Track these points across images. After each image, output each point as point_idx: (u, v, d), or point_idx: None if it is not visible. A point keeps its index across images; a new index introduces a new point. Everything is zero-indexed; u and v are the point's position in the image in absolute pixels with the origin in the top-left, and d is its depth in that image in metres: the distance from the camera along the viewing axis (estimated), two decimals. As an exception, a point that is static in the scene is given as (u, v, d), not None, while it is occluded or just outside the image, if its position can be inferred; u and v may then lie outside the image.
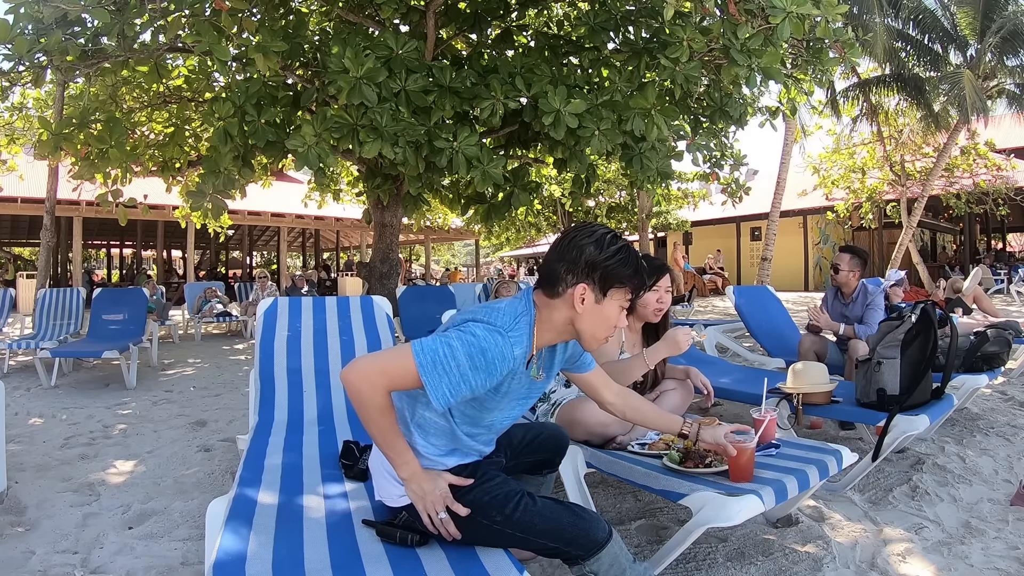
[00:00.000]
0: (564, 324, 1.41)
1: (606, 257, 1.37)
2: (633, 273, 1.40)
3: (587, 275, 1.37)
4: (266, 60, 4.06)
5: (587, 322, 1.40)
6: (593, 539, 1.33)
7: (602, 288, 1.38)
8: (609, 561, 1.34)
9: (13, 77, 4.27)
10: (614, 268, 1.37)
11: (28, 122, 8.72)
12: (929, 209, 15.01)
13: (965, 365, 3.24)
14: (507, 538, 1.34)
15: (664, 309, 2.37)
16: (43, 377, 5.23)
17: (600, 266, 1.37)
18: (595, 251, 1.37)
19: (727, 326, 5.60)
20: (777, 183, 11.39)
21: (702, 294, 16.34)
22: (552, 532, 1.33)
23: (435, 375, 1.27)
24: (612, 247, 1.38)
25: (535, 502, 1.36)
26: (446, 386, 1.28)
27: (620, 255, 1.38)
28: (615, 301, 1.40)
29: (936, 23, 12.19)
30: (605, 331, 1.42)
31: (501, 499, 1.37)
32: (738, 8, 3.83)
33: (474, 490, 1.39)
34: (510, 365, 1.33)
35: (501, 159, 4.67)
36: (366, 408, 1.30)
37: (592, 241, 1.38)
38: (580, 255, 1.37)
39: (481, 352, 1.28)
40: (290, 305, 2.73)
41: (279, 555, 1.31)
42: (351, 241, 24.80)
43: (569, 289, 1.38)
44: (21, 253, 24.98)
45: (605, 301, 1.39)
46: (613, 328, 1.43)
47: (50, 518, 2.39)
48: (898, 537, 2.09)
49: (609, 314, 1.40)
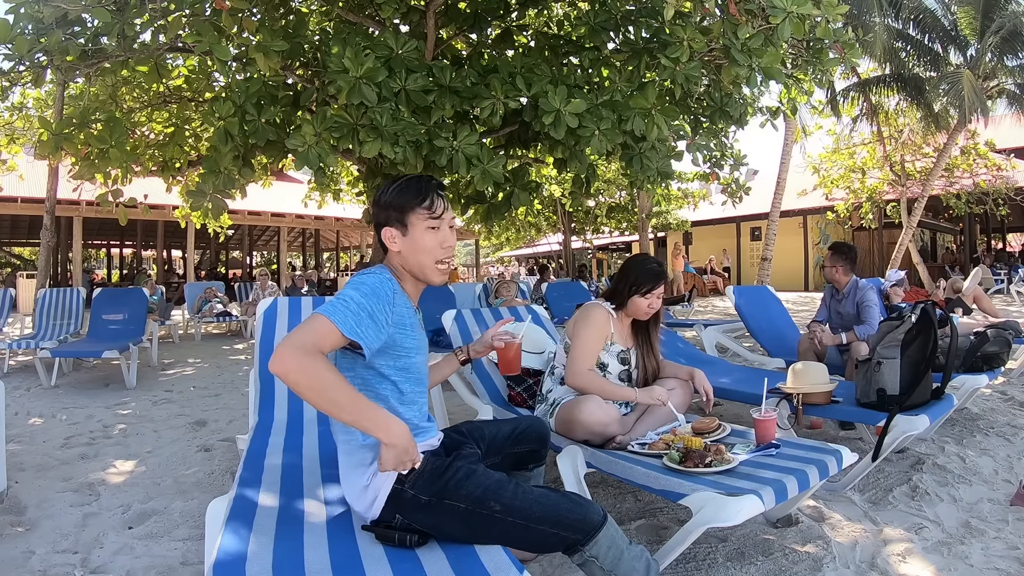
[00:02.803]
0: (401, 270, 1.54)
1: (388, 195, 1.52)
2: (415, 193, 1.50)
3: (385, 220, 1.52)
4: (266, 60, 4.06)
5: (410, 257, 1.52)
6: (591, 522, 1.36)
7: (399, 221, 1.51)
8: (607, 543, 1.37)
9: (13, 77, 4.27)
10: (395, 199, 1.51)
11: (28, 122, 8.71)
12: (929, 209, 15.01)
13: (965, 365, 3.24)
14: (508, 527, 1.34)
15: (652, 313, 2.40)
16: (43, 377, 5.23)
17: (387, 204, 1.51)
18: (380, 196, 1.54)
19: (727, 326, 5.60)
20: (777, 183, 11.39)
21: (702, 294, 16.35)
22: (551, 518, 1.35)
23: (338, 313, 1.34)
24: (390, 187, 1.53)
25: (530, 489, 1.40)
26: (352, 320, 1.34)
27: (397, 187, 1.52)
28: (419, 225, 1.50)
29: (936, 23, 12.19)
30: (429, 255, 1.51)
31: (495, 488, 1.38)
32: (738, 8, 3.82)
33: (464, 485, 1.39)
34: (392, 287, 1.44)
35: (501, 159, 4.67)
36: (306, 378, 1.23)
37: (379, 194, 1.55)
38: (376, 208, 1.54)
39: (363, 283, 1.41)
40: (290, 305, 2.73)
41: (279, 555, 1.31)
42: (351, 241, 24.81)
43: (382, 240, 1.53)
44: (21, 253, 25.00)
45: (409, 230, 1.50)
46: (439, 249, 1.52)
47: (50, 518, 2.39)
48: (898, 537, 2.09)
49: (420, 239, 1.50)
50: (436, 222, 1.51)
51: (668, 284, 17.40)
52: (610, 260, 28.00)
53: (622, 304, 2.38)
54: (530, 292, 10.08)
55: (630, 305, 2.36)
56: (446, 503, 1.38)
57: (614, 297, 2.40)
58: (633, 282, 2.33)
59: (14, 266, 22.85)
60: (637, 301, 2.34)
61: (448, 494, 1.38)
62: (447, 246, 1.53)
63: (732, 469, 1.80)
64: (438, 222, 1.51)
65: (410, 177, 1.54)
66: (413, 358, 1.53)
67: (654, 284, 2.33)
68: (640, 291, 2.33)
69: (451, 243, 1.54)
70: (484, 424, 1.81)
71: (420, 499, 1.39)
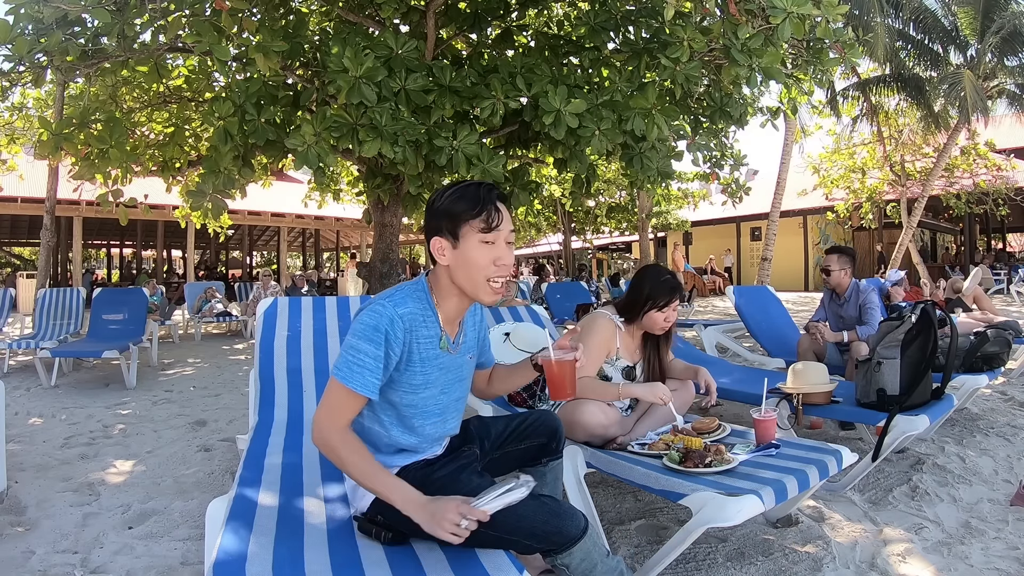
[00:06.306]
0: (448, 284, 1.45)
1: (441, 202, 1.42)
2: (471, 203, 1.39)
3: (436, 229, 1.42)
4: (266, 60, 4.05)
5: (459, 272, 1.42)
6: (567, 535, 1.33)
7: (451, 232, 1.40)
8: (581, 556, 1.35)
9: (13, 77, 4.27)
10: (448, 207, 1.40)
11: (28, 122, 8.72)
12: (929, 209, 15.02)
13: (965, 365, 3.24)
14: (481, 536, 1.32)
15: (669, 327, 2.36)
16: (43, 377, 5.23)
17: (439, 212, 1.41)
18: (434, 201, 1.44)
19: (727, 326, 5.60)
20: (777, 183, 11.39)
21: (702, 294, 16.34)
22: (525, 529, 1.33)
23: (352, 374, 1.34)
24: (445, 192, 1.43)
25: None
26: (359, 374, 1.34)
27: (452, 194, 1.41)
28: (471, 237, 1.40)
29: (937, 23, 12.20)
30: (481, 272, 1.41)
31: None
32: (738, 8, 3.82)
33: (445, 490, 1.38)
34: (404, 324, 1.38)
35: (501, 158, 4.67)
36: (334, 455, 1.36)
37: (433, 199, 1.45)
38: (428, 215, 1.45)
39: (368, 328, 1.35)
40: (290, 305, 2.73)
41: (279, 555, 1.31)
42: (351, 241, 24.79)
43: (431, 250, 1.43)
44: (21, 253, 25.00)
45: (461, 243, 1.40)
46: (492, 267, 1.41)
47: (50, 518, 2.39)
48: (898, 537, 2.09)
49: (471, 254, 1.40)
50: (491, 235, 1.40)
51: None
52: (610, 260, 28.00)
53: (635, 318, 2.33)
54: (530, 292, 10.09)
55: (645, 320, 2.31)
56: None
57: (628, 311, 2.35)
58: (648, 296, 2.28)
59: (14, 266, 22.87)
60: (653, 316, 2.30)
61: None
62: (501, 263, 1.41)
63: (732, 469, 1.80)
64: (494, 235, 1.40)
65: (468, 184, 1.43)
66: (420, 394, 1.46)
67: (670, 298, 2.29)
68: (657, 306, 2.28)
69: (507, 260, 1.42)
70: (492, 420, 1.75)
71: None
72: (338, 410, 1.36)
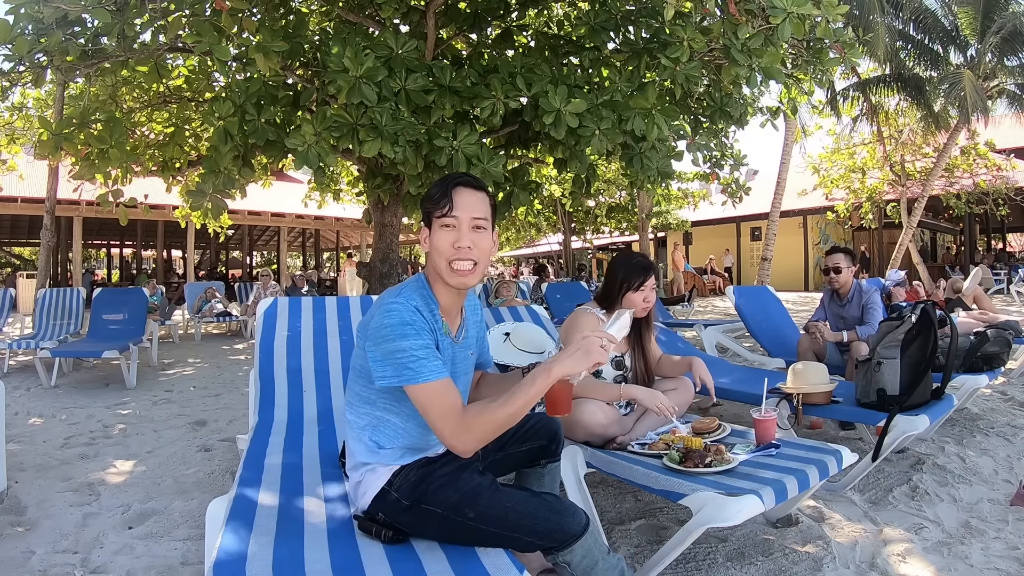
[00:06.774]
0: (434, 273, 1.52)
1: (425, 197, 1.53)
2: (436, 191, 1.49)
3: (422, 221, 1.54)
4: (266, 60, 4.05)
5: (431, 258, 1.51)
6: (568, 532, 1.34)
7: (426, 222, 1.51)
8: (582, 553, 1.36)
9: (13, 77, 4.27)
10: (424, 199, 1.52)
11: (28, 122, 8.71)
12: (929, 209, 15.02)
13: (965, 365, 3.24)
14: (481, 533, 1.34)
15: (650, 307, 2.38)
16: (43, 377, 5.23)
17: (421, 205, 1.55)
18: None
19: (727, 326, 5.60)
20: (777, 183, 11.39)
21: (702, 294, 16.34)
22: (526, 526, 1.33)
23: (419, 371, 1.36)
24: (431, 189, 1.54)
25: (508, 496, 1.37)
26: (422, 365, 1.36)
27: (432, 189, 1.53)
28: (436, 224, 1.48)
29: (937, 23, 12.20)
30: (442, 255, 1.47)
31: (471, 495, 1.37)
32: (738, 8, 3.82)
33: (442, 491, 1.39)
34: (423, 314, 1.43)
35: (501, 158, 4.66)
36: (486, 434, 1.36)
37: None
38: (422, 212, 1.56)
39: (396, 325, 1.38)
40: (290, 305, 2.73)
41: (279, 555, 1.31)
42: (351, 241, 24.79)
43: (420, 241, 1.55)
44: (21, 253, 25.00)
45: (432, 231, 1.49)
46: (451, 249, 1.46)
47: (50, 518, 2.39)
48: (898, 537, 2.09)
49: (434, 239, 1.49)
50: (450, 219, 1.45)
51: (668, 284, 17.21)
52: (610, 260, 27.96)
53: (616, 304, 2.35)
54: (530, 292, 10.09)
55: (625, 303, 2.33)
56: (424, 508, 1.39)
57: (606, 299, 2.37)
58: (623, 280, 2.32)
59: (14, 266, 22.87)
60: (631, 297, 2.32)
61: (427, 499, 1.39)
62: (459, 246, 1.45)
63: (732, 469, 1.80)
64: (452, 220, 1.45)
65: (446, 175, 1.53)
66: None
67: (644, 277, 2.32)
68: (632, 287, 2.31)
69: (464, 243, 1.45)
70: None
71: (402, 503, 1.41)
72: (441, 408, 1.35)
